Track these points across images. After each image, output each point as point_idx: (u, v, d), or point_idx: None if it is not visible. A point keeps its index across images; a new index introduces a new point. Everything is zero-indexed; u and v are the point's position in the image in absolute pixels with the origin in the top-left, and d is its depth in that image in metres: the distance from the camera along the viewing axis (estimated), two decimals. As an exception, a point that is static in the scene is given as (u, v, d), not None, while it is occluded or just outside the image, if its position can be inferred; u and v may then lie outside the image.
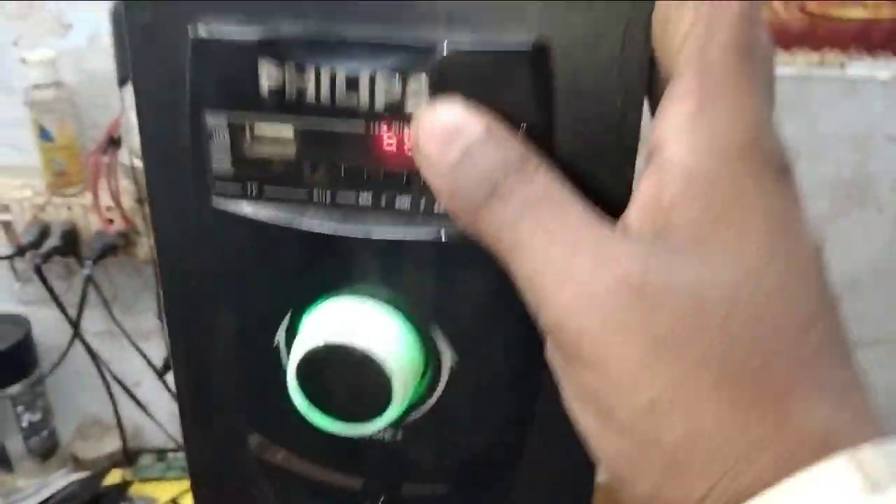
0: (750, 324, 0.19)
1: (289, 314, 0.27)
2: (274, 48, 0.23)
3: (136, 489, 1.19)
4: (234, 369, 0.30)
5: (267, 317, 0.28)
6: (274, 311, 0.27)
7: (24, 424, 1.12)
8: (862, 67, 1.00)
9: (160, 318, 1.14)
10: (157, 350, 1.16)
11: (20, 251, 0.99)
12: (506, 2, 0.23)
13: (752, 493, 0.19)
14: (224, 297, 0.28)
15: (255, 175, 0.25)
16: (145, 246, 1.03)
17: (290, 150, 0.25)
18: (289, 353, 0.28)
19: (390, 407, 0.25)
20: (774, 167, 0.21)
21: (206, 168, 0.26)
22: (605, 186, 0.24)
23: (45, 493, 1.11)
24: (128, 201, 1.00)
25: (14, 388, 1.09)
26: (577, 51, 0.23)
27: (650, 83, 0.26)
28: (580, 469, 0.30)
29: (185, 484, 1.20)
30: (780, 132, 0.21)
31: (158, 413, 1.18)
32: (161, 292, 0.30)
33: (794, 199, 0.21)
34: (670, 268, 0.20)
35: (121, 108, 0.96)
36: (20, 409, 1.10)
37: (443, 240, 0.25)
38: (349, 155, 0.25)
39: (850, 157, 1.06)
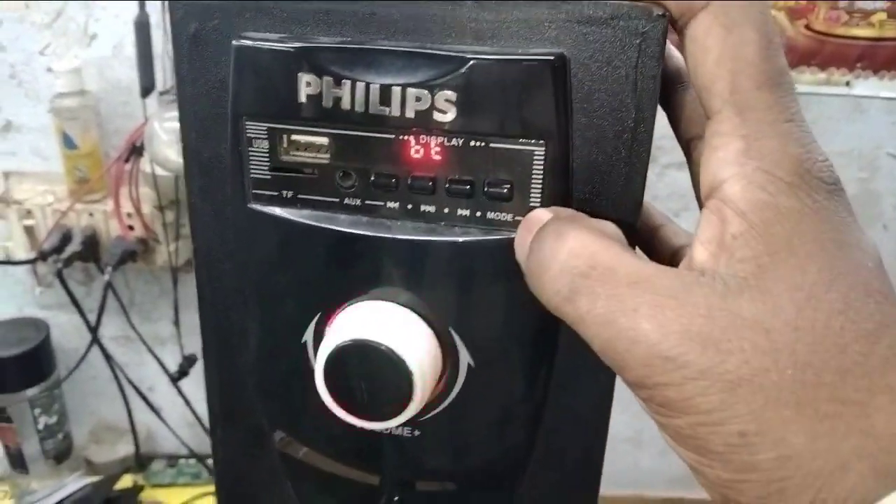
0: (816, 346, 0.20)
1: (317, 315, 0.29)
2: (312, 59, 0.25)
3: (148, 494, 1.20)
4: (263, 367, 0.31)
5: (296, 316, 0.29)
6: (303, 310, 0.29)
7: (41, 427, 1.13)
8: (867, 86, 1.01)
9: (176, 324, 1.16)
10: (172, 356, 1.17)
11: (42, 256, 1.01)
12: (527, 19, 0.24)
13: (852, 500, 0.20)
14: (256, 297, 0.30)
15: (291, 180, 0.27)
16: (164, 253, 1.05)
17: (324, 157, 0.26)
18: (316, 352, 0.29)
19: (411, 402, 0.27)
20: (825, 185, 0.22)
21: (244, 173, 0.27)
22: (617, 194, 0.26)
23: (59, 496, 1.12)
24: (148, 208, 1.02)
25: (32, 391, 1.10)
26: (594, 65, 0.24)
27: (668, 96, 0.28)
28: (583, 476, 0.31)
29: (196, 490, 1.21)
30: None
31: (171, 419, 1.19)
32: (177, 295, 0.31)
33: (847, 210, 0.22)
34: (732, 309, 0.21)
35: (143, 116, 0.98)
36: (37, 411, 1.12)
37: (461, 241, 0.27)
38: (379, 161, 0.26)
39: (854, 175, 1.07)
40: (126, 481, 1.20)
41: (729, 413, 0.20)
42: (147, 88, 0.94)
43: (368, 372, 0.26)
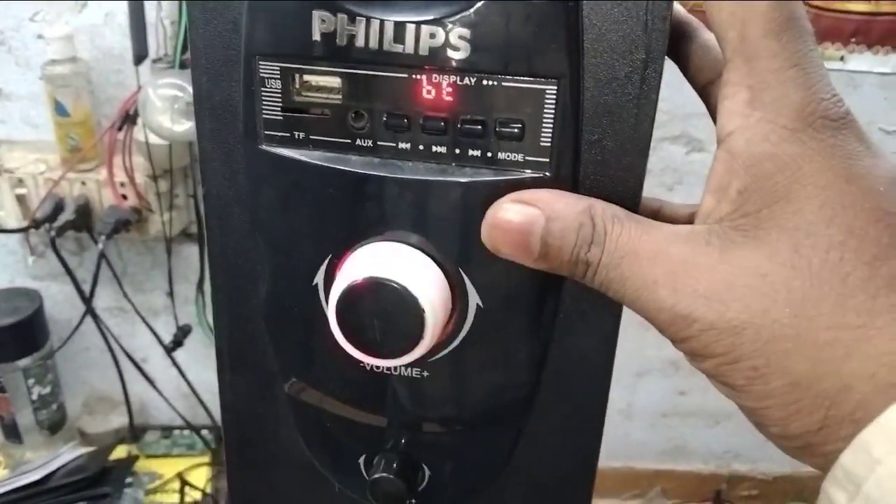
0: (814, 279, 0.22)
1: (328, 257, 0.29)
2: None
3: (142, 465, 1.20)
4: (274, 309, 0.31)
5: (308, 258, 0.29)
6: (315, 252, 0.29)
7: (34, 397, 1.14)
8: (861, 61, 1.02)
9: (170, 295, 1.16)
10: (166, 327, 1.17)
11: (35, 224, 1.00)
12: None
13: (859, 415, 0.22)
14: (267, 240, 0.30)
15: (303, 121, 0.27)
16: (157, 223, 1.05)
17: (336, 98, 0.27)
18: (327, 294, 0.29)
19: (423, 339, 0.27)
20: (831, 123, 0.23)
21: (256, 114, 0.27)
22: (626, 135, 0.26)
23: (54, 466, 1.13)
24: (141, 178, 1.02)
25: (25, 361, 1.10)
26: (606, 5, 0.25)
27: (676, 47, 0.28)
28: (588, 416, 0.32)
29: (190, 461, 1.22)
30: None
31: (165, 390, 1.20)
32: (171, 266, 0.31)
33: (858, 140, 0.23)
34: (733, 262, 0.23)
35: (136, 84, 0.97)
36: (31, 381, 1.12)
37: (472, 182, 0.27)
38: (391, 102, 0.26)
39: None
40: (120, 452, 1.21)
41: (739, 352, 0.23)
42: (140, 56, 0.94)
43: (381, 310, 0.27)
